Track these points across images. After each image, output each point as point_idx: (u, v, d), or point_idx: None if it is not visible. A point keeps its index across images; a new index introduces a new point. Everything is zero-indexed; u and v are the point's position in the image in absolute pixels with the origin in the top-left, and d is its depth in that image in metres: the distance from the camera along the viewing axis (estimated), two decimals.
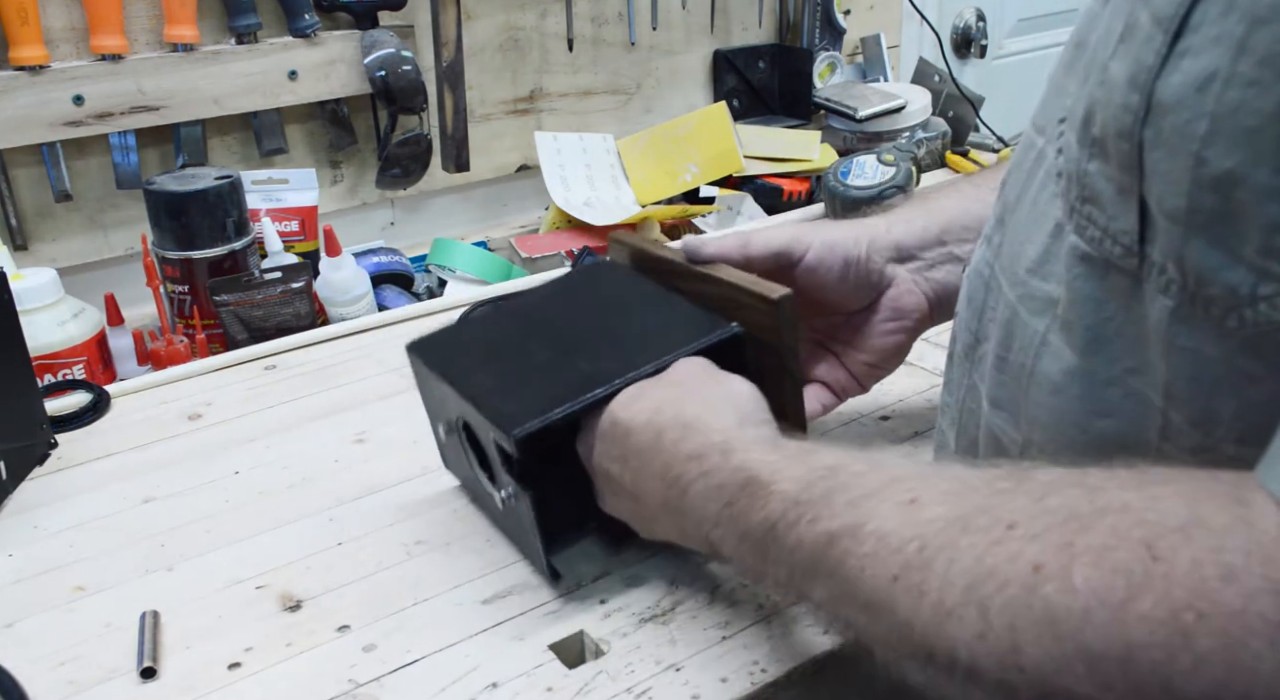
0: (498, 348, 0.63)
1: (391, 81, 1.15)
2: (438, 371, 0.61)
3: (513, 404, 0.56)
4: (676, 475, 0.51)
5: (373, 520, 0.67)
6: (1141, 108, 0.35)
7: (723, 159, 1.28)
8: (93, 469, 0.75)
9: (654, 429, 0.53)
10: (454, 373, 0.61)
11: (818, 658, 0.54)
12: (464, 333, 0.67)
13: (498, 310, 0.68)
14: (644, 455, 0.53)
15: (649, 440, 0.53)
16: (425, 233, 1.28)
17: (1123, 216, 0.37)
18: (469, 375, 0.60)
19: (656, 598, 0.58)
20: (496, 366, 0.60)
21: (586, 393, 0.55)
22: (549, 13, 1.31)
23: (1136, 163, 0.36)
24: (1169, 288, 0.36)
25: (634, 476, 0.53)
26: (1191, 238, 0.34)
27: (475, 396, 0.58)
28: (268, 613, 0.59)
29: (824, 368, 0.67)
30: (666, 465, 0.51)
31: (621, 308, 0.64)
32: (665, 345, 0.57)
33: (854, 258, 0.63)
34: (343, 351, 0.92)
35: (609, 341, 0.60)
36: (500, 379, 0.59)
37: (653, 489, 0.52)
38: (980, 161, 1.38)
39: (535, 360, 0.60)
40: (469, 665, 0.54)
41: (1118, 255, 0.38)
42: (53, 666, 0.55)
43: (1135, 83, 0.35)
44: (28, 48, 0.98)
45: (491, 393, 0.58)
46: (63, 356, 0.88)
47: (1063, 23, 1.98)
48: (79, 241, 1.08)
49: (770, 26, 1.52)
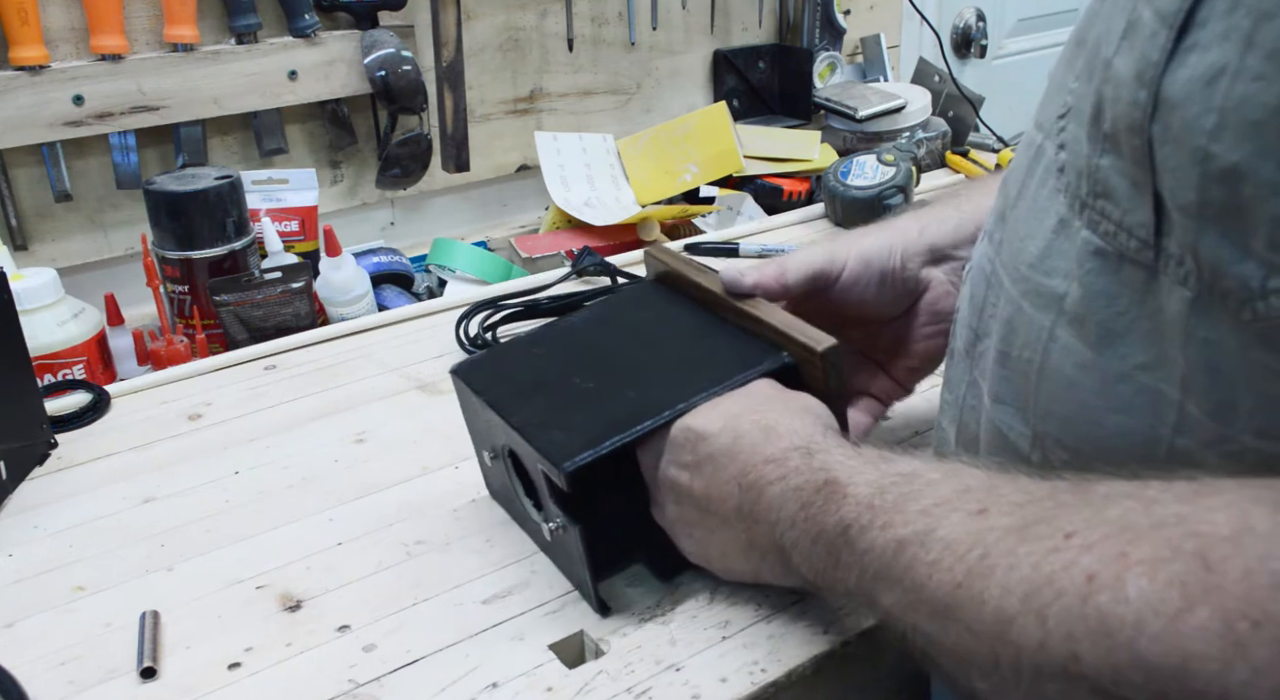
0: (544, 376, 0.62)
1: (391, 81, 1.15)
2: (485, 399, 0.60)
3: (562, 436, 0.55)
4: (754, 478, 0.51)
5: (373, 520, 0.67)
6: (1149, 103, 0.35)
7: (723, 159, 1.28)
8: (93, 469, 0.75)
9: (732, 433, 0.52)
10: (501, 401, 0.60)
11: (818, 658, 0.54)
12: (508, 358, 0.65)
13: (539, 336, 0.67)
14: (718, 460, 0.52)
15: (726, 444, 0.52)
16: (425, 233, 1.28)
17: (1138, 210, 0.38)
18: (516, 404, 0.59)
19: (656, 598, 0.58)
20: (544, 395, 0.60)
21: (637, 424, 0.55)
22: (549, 13, 1.31)
23: (1148, 157, 0.36)
24: (1187, 279, 0.36)
25: (706, 483, 0.53)
26: (1204, 231, 0.35)
27: (523, 427, 0.57)
28: (268, 613, 0.59)
29: (866, 378, 0.67)
30: (743, 469, 0.51)
31: (666, 335, 0.63)
32: (716, 376, 0.57)
33: (889, 269, 0.63)
34: (343, 351, 0.92)
35: (657, 371, 0.60)
36: (548, 409, 0.58)
37: (725, 494, 0.52)
38: (980, 161, 1.38)
39: (582, 389, 0.59)
40: (469, 665, 0.54)
41: (1133, 249, 0.38)
42: (53, 666, 0.55)
43: (1142, 79, 0.35)
44: (28, 48, 0.98)
45: (540, 423, 0.57)
46: (63, 356, 0.88)
47: (1063, 23, 1.98)
48: (79, 241, 1.08)
49: (770, 26, 1.52)
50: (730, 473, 0.52)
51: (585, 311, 0.68)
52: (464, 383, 0.63)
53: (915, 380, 0.67)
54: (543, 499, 0.58)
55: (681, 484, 0.54)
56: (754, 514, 0.51)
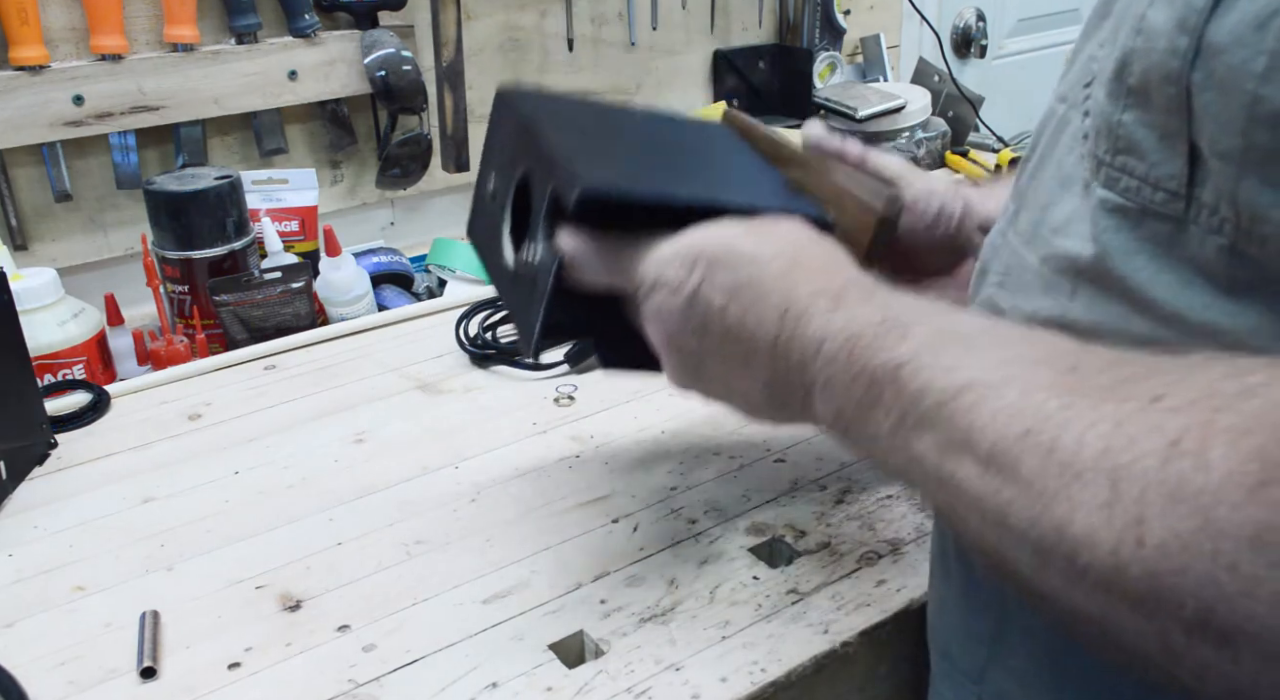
0: (593, 127, 0.58)
1: (391, 81, 1.15)
2: (524, 117, 0.56)
3: (593, 166, 0.51)
4: (804, 308, 0.47)
5: (373, 520, 0.67)
6: (1190, 50, 0.35)
7: None
8: (93, 469, 0.75)
9: (788, 260, 0.49)
10: (542, 123, 0.55)
11: (818, 658, 0.54)
12: (560, 101, 0.61)
13: (599, 104, 0.63)
14: (765, 285, 0.48)
15: (778, 270, 0.49)
16: (425, 233, 1.28)
17: (1167, 162, 0.38)
18: (556, 130, 0.55)
19: (656, 598, 0.58)
20: (587, 138, 0.56)
21: (674, 191, 0.51)
22: (549, 13, 1.31)
23: (1184, 106, 0.36)
24: (1222, 227, 0.36)
25: (744, 309, 0.49)
26: (1245, 176, 0.35)
27: (557, 146, 0.52)
28: (268, 613, 0.59)
29: None
30: (791, 296, 0.48)
31: (723, 154, 0.60)
32: (759, 196, 0.54)
33: (948, 214, 0.61)
34: (343, 351, 0.92)
35: (703, 171, 0.57)
36: (588, 146, 0.54)
37: (764, 323, 0.48)
38: (980, 161, 1.38)
39: (628, 149, 0.56)
40: (469, 665, 0.54)
41: (1159, 202, 0.38)
42: (53, 666, 0.55)
43: (1184, 26, 0.35)
44: (28, 48, 0.98)
45: (576, 150, 0.53)
46: (63, 356, 0.88)
47: (1063, 23, 1.98)
48: (79, 241, 1.08)
49: (770, 26, 1.52)
50: (775, 301, 0.48)
51: (652, 110, 0.65)
52: (507, 100, 0.59)
53: None
54: (534, 226, 0.54)
55: (714, 306, 0.49)
56: (789, 348, 0.47)
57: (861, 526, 0.64)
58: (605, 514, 0.66)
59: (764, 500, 0.67)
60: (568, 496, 0.68)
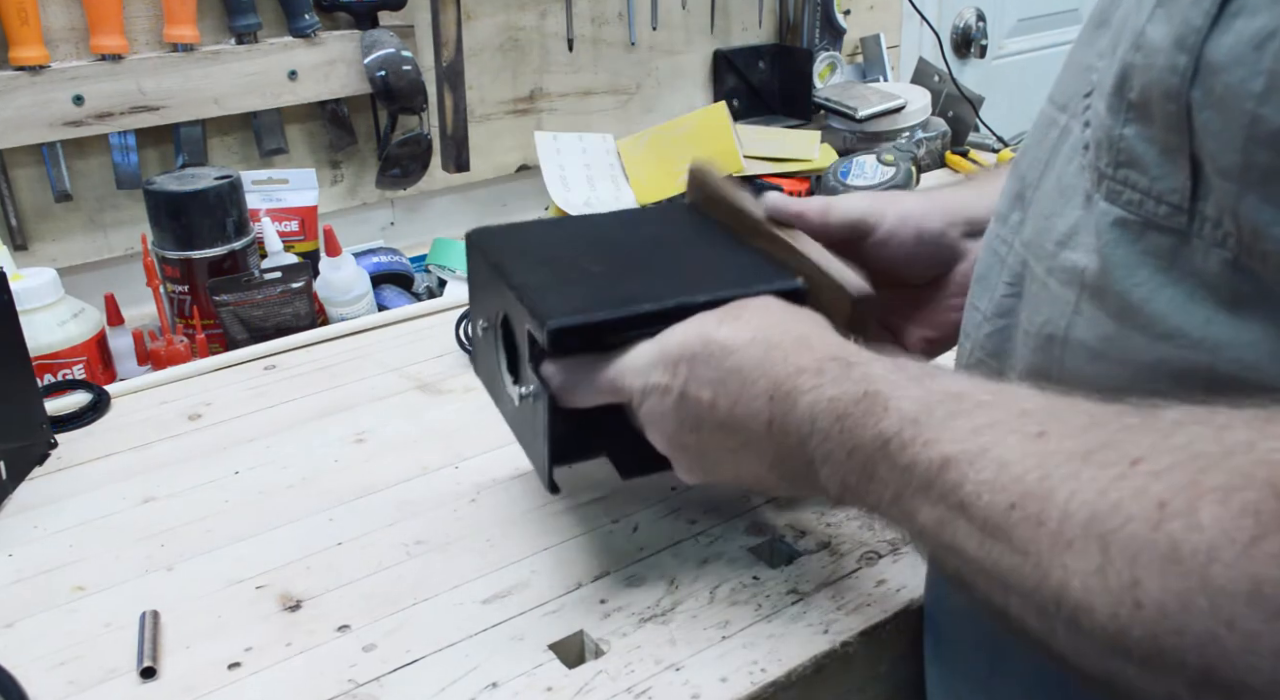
0: (555, 253, 0.61)
1: (391, 81, 1.15)
2: (490, 261, 0.60)
3: (556, 299, 0.54)
4: (788, 389, 0.48)
5: (373, 520, 0.67)
6: (1189, 68, 0.35)
7: (722, 159, 1.28)
8: (93, 469, 0.75)
9: (763, 344, 0.50)
10: (506, 264, 0.59)
11: (818, 658, 0.54)
12: (525, 234, 0.65)
13: (564, 222, 0.66)
14: (747, 373, 0.50)
15: (756, 355, 0.50)
16: (425, 233, 1.28)
17: (1169, 176, 0.38)
18: (520, 269, 0.58)
19: (656, 598, 0.58)
20: (550, 268, 0.59)
21: (635, 305, 0.53)
22: (549, 13, 1.31)
23: (1185, 123, 0.36)
24: (1225, 241, 0.37)
25: (732, 399, 0.50)
26: (1245, 194, 0.35)
27: (522, 288, 0.56)
28: (268, 613, 0.59)
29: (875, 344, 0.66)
30: (777, 380, 0.49)
31: (687, 245, 0.62)
32: (726, 283, 0.55)
33: (928, 231, 0.62)
34: (343, 351, 0.92)
35: (668, 270, 0.58)
36: (550, 279, 0.57)
37: (755, 410, 0.49)
38: (980, 161, 1.38)
39: (590, 270, 0.58)
40: (469, 665, 0.54)
41: (1162, 215, 0.38)
42: (53, 666, 0.55)
43: (1182, 44, 0.35)
44: (28, 48, 0.98)
45: (539, 288, 0.56)
46: (63, 356, 0.88)
47: (1063, 23, 1.98)
48: (79, 241, 1.08)
49: (770, 26, 1.52)
50: (761, 386, 0.49)
51: (611, 213, 0.68)
52: (475, 245, 0.62)
53: (931, 355, 0.65)
54: (521, 364, 0.56)
55: (703, 402, 0.51)
56: (785, 427, 0.48)
57: (861, 526, 0.64)
58: (605, 514, 0.66)
59: (764, 500, 0.67)
60: (568, 496, 0.68)
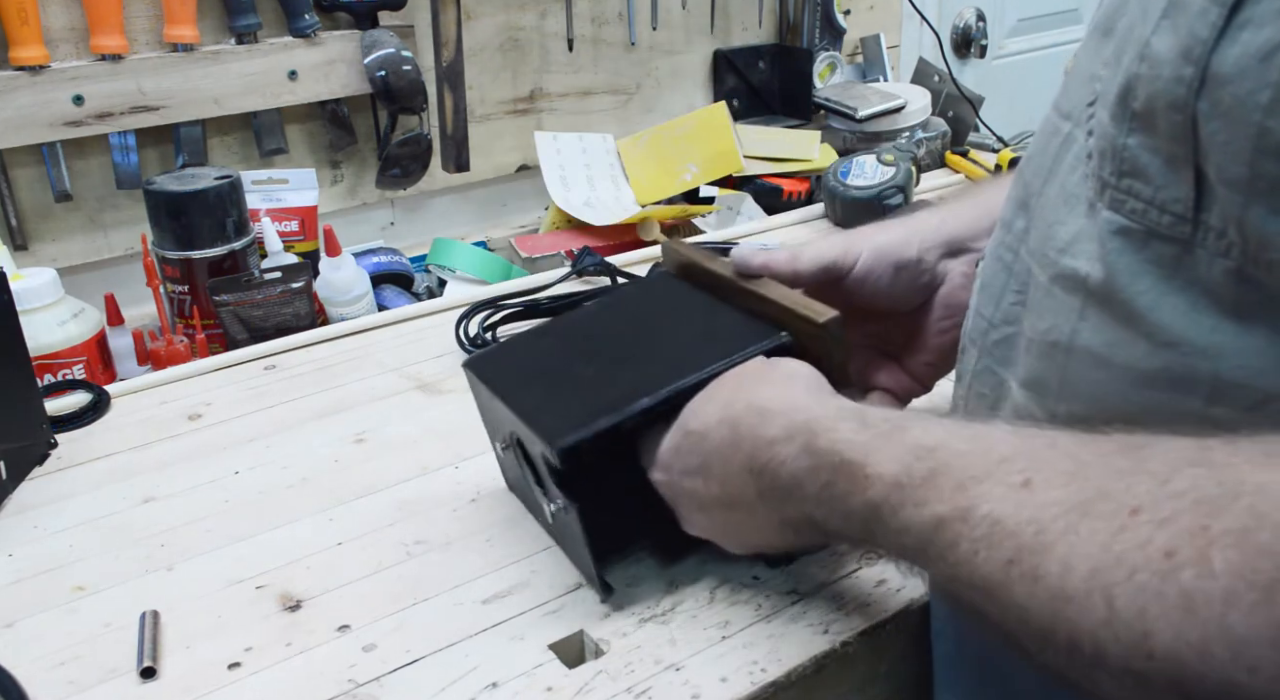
0: (548, 364, 0.63)
1: (391, 81, 1.15)
2: (491, 388, 0.62)
3: (557, 418, 0.56)
4: (765, 461, 0.49)
5: (373, 520, 0.67)
6: (1196, 80, 0.35)
7: (722, 159, 1.28)
8: (93, 469, 0.75)
9: (729, 424, 0.52)
10: (506, 389, 0.61)
11: (818, 658, 0.54)
12: (517, 350, 0.67)
13: (549, 327, 0.68)
14: (724, 453, 0.52)
15: (727, 436, 0.51)
16: (425, 233, 1.28)
17: (1173, 185, 0.38)
18: (519, 391, 0.60)
19: (656, 598, 0.58)
20: (546, 382, 0.60)
21: (630, 404, 0.55)
22: (549, 13, 1.31)
23: (1190, 134, 0.36)
24: (1229, 251, 0.37)
25: (721, 482, 0.52)
26: (1252, 204, 0.35)
27: (524, 411, 0.58)
28: (268, 613, 0.59)
29: (884, 374, 0.66)
30: (751, 455, 0.50)
31: (670, 321, 0.64)
32: (713, 355, 0.57)
33: (905, 261, 0.62)
34: (343, 351, 0.92)
35: (656, 354, 0.60)
36: (548, 394, 0.59)
37: (743, 485, 0.51)
38: (980, 161, 1.38)
39: (583, 375, 0.60)
40: (469, 665, 0.54)
41: (1166, 224, 0.39)
42: (53, 666, 0.55)
43: (1189, 56, 0.36)
44: (28, 48, 0.98)
45: (539, 407, 0.58)
46: (63, 356, 0.88)
47: (1063, 23, 1.98)
48: (79, 241, 1.08)
49: (770, 26, 1.52)
50: (738, 463, 0.51)
51: (595, 303, 0.69)
52: (474, 374, 0.64)
53: (933, 377, 0.66)
54: (544, 481, 0.58)
55: (699, 492, 0.54)
56: (776, 495, 0.50)
57: None
58: None
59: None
60: None
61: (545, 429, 0.55)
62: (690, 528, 0.56)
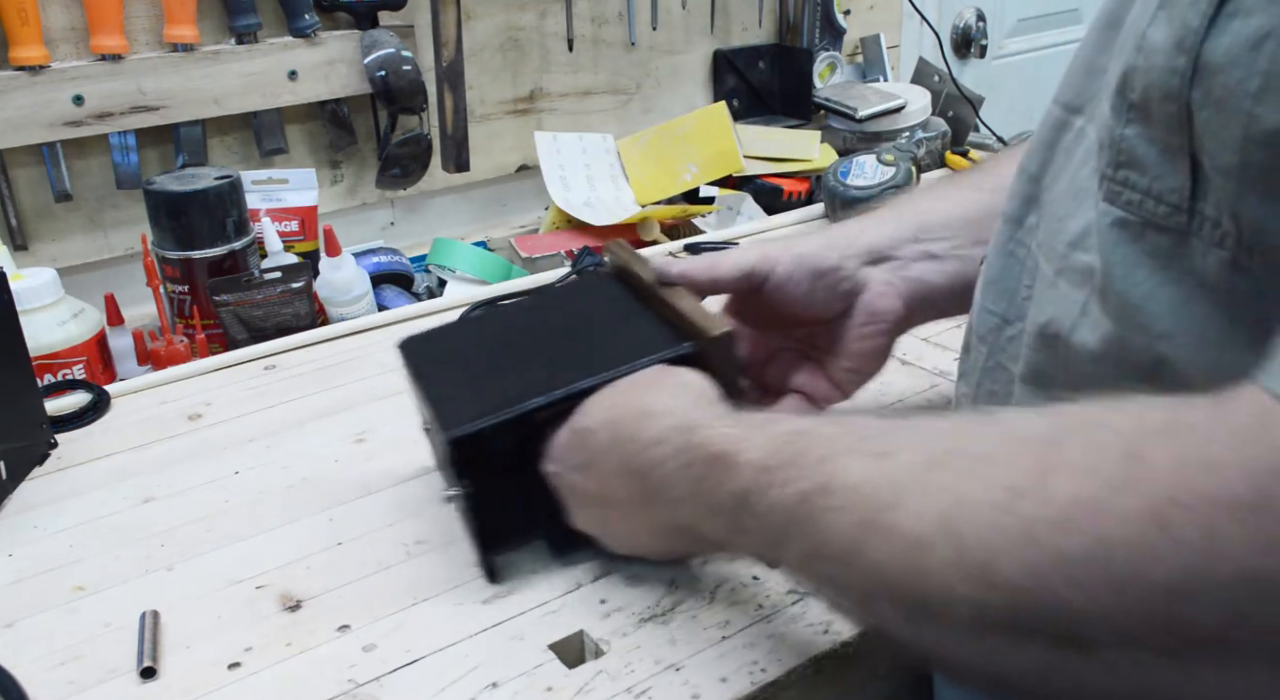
0: (471, 353, 0.65)
1: (391, 81, 1.15)
2: (412, 371, 0.64)
3: (460, 407, 0.58)
4: (640, 463, 0.51)
5: (373, 520, 0.67)
6: (1188, 69, 0.36)
7: (722, 159, 1.28)
8: (93, 469, 0.75)
9: (612, 426, 0.53)
10: (425, 373, 0.63)
11: (818, 658, 0.54)
12: (449, 335, 0.69)
13: (487, 315, 0.70)
14: (605, 453, 0.53)
15: (608, 437, 0.53)
16: (425, 233, 1.28)
17: (1169, 175, 0.38)
18: (436, 377, 0.63)
19: (656, 598, 0.58)
20: (463, 370, 0.63)
21: (525, 401, 0.57)
22: (549, 13, 1.31)
23: (1185, 123, 0.37)
24: (1224, 240, 0.37)
25: (600, 480, 0.54)
26: (1245, 193, 0.35)
27: (433, 397, 0.60)
28: (268, 613, 0.59)
29: (803, 377, 0.67)
30: (628, 457, 0.52)
31: (593, 321, 0.65)
32: (617, 360, 0.58)
33: (824, 268, 0.63)
34: (343, 351, 0.92)
35: (570, 353, 0.62)
36: (460, 383, 0.61)
37: (619, 486, 0.53)
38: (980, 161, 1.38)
39: (497, 367, 0.62)
40: (469, 665, 0.54)
41: (1162, 215, 0.39)
42: (53, 666, 0.55)
43: (1181, 46, 0.36)
44: (28, 48, 0.98)
45: (448, 395, 0.60)
46: (63, 356, 0.88)
47: (1063, 23, 1.98)
48: (79, 241, 1.09)
49: (770, 26, 1.52)
50: (615, 464, 0.53)
51: (533, 296, 0.72)
52: (404, 354, 0.66)
53: (854, 384, 0.66)
54: (445, 466, 0.60)
55: (579, 487, 0.56)
56: (648, 498, 0.52)
57: None
58: None
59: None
60: None
61: (445, 417, 0.57)
62: (576, 522, 0.58)
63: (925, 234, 0.65)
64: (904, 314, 0.65)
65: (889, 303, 0.64)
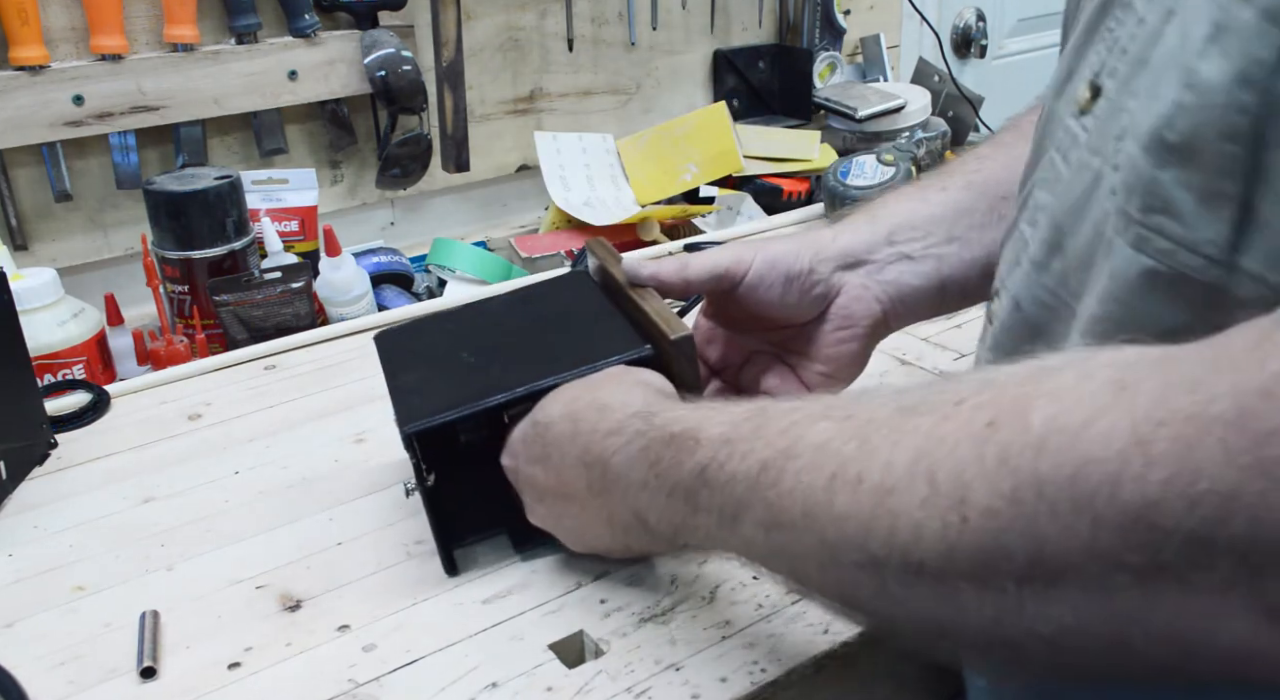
0: (442, 348, 0.66)
1: (391, 81, 1.15)
2: (383, 364, 0.65)
3: (421, 402, 0.59)
4: (597, 453, 0.52)
5: (373, 520, 0.67)
6: (1259, 106, 0.33)
7: (722, 159, 1.28)
8: (93, 469, 0.75)
9: (570, 418, 0.54)
10: (395, 366, 0.64)
11: (818, 658, 0.54)
12: (424, 329, 0.70)
13: (464, 310, 0.71)
14: (562, 445, 0.54)
15: (567, 429, 0.54)
16: (425, 233, 1.28)
17: (1206, 226, 0.35)
18: (405, 371, 0.64)
19: (656, 598, 0.58)
20: (431, 365, 0.64)
21: (484, 399, 0.58)
22: (549, 13, 1.31)
23: (1245, 165, 0.34)
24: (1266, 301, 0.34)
25: (557, 472, 0.55)
26: None
27: (398, 391, 0.62)
28: (268, 613, 0.59)
29: (775, 379, 0.67)
30: (585, 447, 0.52)
31: (564, 320, 0.66)
32: (580, 359, 0.59)
33: (796, 272, 0.63)
34: (343, 351, 0.92)
35: (536, 351, 0.63)
36: (427, 377, 0.62)
37: (574, 477, 0.53)
38: None
39: (465, 363, 0.63)
40: (469, 665, 0.54)
41: (1195, 267, 0.36)
42: (53, 666, 0.55)
43: (1247, 81, 0.33)
44: (28, 48, 0.98)
45: (412, 389, 0.61)
46: (63, 356, 0.88)
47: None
48: (79, 241, 1.09)
49: (770, 26, 1.52)
50: (573, 455, 0.53)
51: (510, 292, 0.72)
52: (378, 348, 0.67)
53: (827, 388, 0.66)
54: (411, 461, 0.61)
55: (537, 480, 0.56)
56: (604, 487, 0.52)
57: None
58: None
59: None
60: None
61: (405, 411, 0.58)
62: (532, 517, 0.59)
63: (900, 236, 0.65)
64: (881, 318, 0.65)
65: (864, 307, 0.64)
